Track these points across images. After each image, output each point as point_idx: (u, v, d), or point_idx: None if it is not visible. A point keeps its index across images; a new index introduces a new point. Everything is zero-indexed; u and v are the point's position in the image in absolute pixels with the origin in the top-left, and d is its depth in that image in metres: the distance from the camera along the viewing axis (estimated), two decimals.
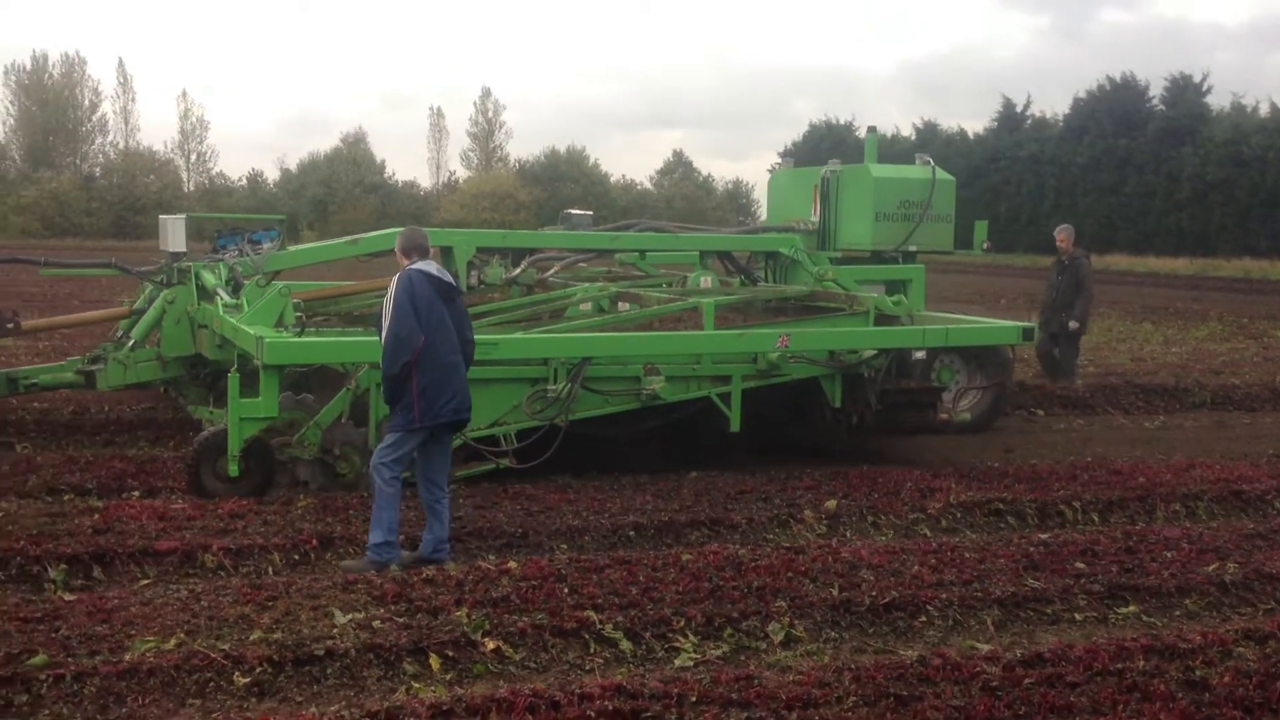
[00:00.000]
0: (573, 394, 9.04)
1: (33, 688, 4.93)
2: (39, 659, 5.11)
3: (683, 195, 79.35)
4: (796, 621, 6.09)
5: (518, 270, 10.76)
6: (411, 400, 6.92)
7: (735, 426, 9.79)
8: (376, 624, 5.71)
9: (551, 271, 11.28)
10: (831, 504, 8.51)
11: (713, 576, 6.59)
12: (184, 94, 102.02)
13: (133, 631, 5.52)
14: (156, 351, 10.54)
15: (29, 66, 73.43)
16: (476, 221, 69.62)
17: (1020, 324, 10.74)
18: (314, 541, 7.23)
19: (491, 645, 5.57)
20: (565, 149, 79.29)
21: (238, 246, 9.81)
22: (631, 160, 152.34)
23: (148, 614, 5.77)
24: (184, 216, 10.31)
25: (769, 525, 8.14)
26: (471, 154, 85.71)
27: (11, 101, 73.43)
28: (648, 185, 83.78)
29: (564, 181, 75.42)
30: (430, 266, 7.16)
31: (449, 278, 7.24)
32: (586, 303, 10.71)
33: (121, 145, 75.39)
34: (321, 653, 5.34)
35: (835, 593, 6.44)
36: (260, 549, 7.08)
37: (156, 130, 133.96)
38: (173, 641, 5.39)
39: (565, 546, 7.55)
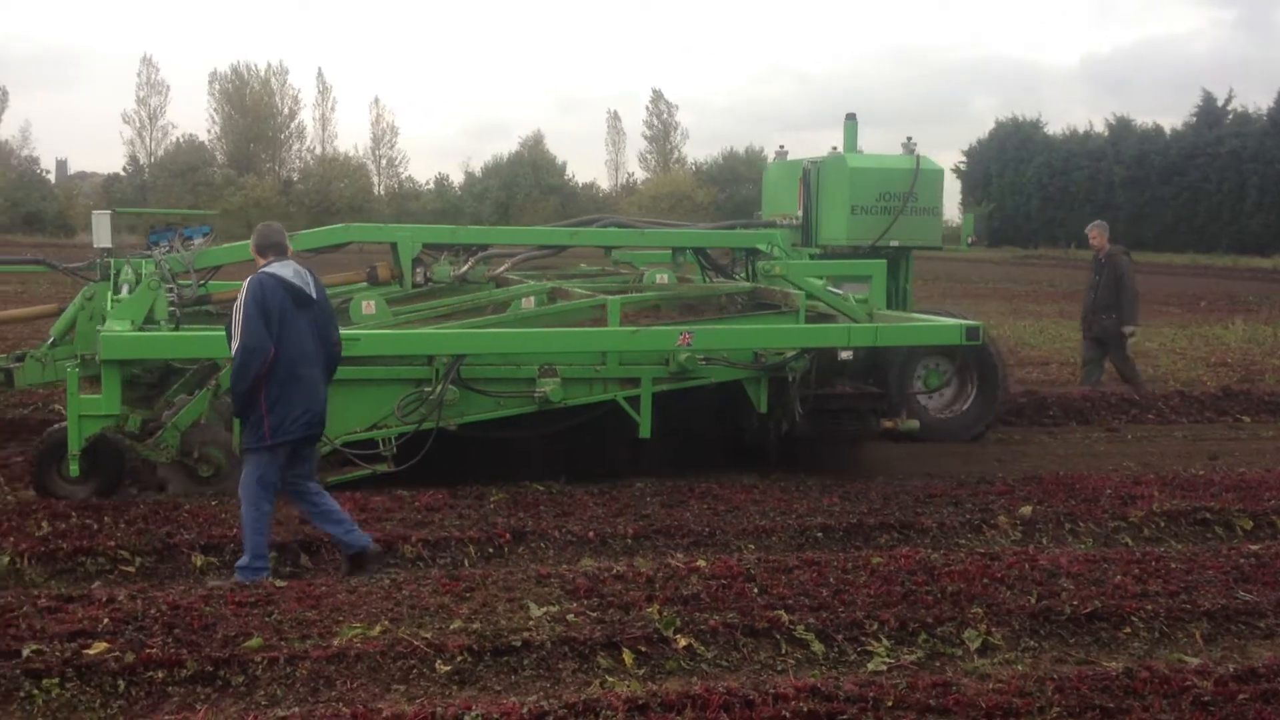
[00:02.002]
0: (442, 396, 8.62)
1: (249, 669, 5.16)
2: (254, 642, 5.35)
3: None
4: (994, 629, 5.93)
5: (465, 267, 10.06)
6: (261, 416, 6.56)
7: (645, 432, 9.27)
8: (570, 618, 5.79)
9: (503, 269, 10.50)
10: (1027, 509, 8.28)
11: (905, 580, 6.48)
12: (376, 101, 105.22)
13: (340, 618, 5.74)
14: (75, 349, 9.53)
15: (232, 76, 77.10)
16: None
17: (964, 322, 9.64)
18: (507, 535, 7.39)
19: (683, 642, 5.59)
20: (744, 150, 79.29)
21: (169, 243, 9.47)
22: None
23: (353, 601, 5.98)
24: (109, 211, 9.89)
25: (961, 530, 7.97)
26: (649, 155, 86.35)
27: (216, 109, 77.15)
28: None
29: (742, 183, 75.34)
30: (286, 269, 6.69)
31: (308, 280, 6.76)
32: (530, 298, 9.84)
33: (318, 151, 78.50)
34: (519, 644, 5.45)
35: (1033, 601, 6.25)
36: (456, 541, 7.28)
37: (349, 136, 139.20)
38: (378, 629, 5.58)
39: (752, 546, 7.54)
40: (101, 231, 9.61)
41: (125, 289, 8.93)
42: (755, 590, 6.27)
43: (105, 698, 4.94)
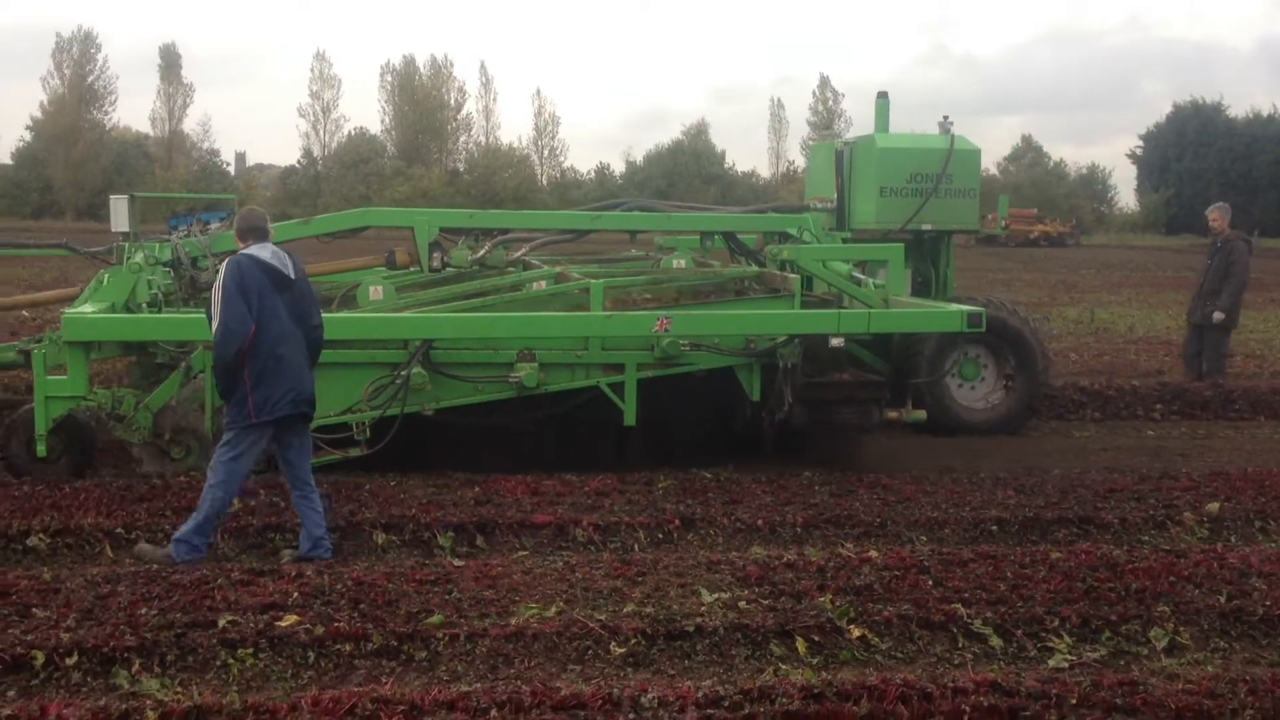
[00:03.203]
0: (407, 381, 8.54)
1: (431, 644, 5.30)
2: (436, 619, 5.49)
3: (1031, 181, 76.24)
4: (1181, 628, 5.72)
5: (483, 251, 9.90)
6: (245, 394, 6.60)
7: (630, 420, 9.04)
8: (742, 605, 5.79)
9: (520, 253, 10.30)
10: (1214, 506, 7.95)
11: (1086, 577, 6.28)
12: (538, 92, 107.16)
13: (516, 598, 5.85)
14: None
15: (402, 69, 79.13)
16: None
17: (965, 308, 9.13)
18: (676, 521, 7.43)
19: (857, 633, 5.54)
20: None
21: (187, 227, 9.53)
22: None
23: (529, 582, 6.10)
24: (128, 197, 9.89)
25: (1144, 526, 7.69)
26: (811, 142, 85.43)
27: (387, 101, 79.32)
28: (994, 171, 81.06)
29: None
30: (264, 251, 6.73)
31: (286, 262, 6.79)
32: (541, 283, 9.69)
33: (483, 141, 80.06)
34: (692, 629, 5.47)
35: (1223, 600, 6.01)
36: (626, 526, 7.34)
37: (513, 128, 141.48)
38: (553, 609, 5.68)
39: (925, 538, 7.41)
40: (119, 216, 9.69)
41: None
42: (930, 583, 6.18)
43: (296, 668, 5.14)
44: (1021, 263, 41.25)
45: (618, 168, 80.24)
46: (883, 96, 11.99)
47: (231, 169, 78.15)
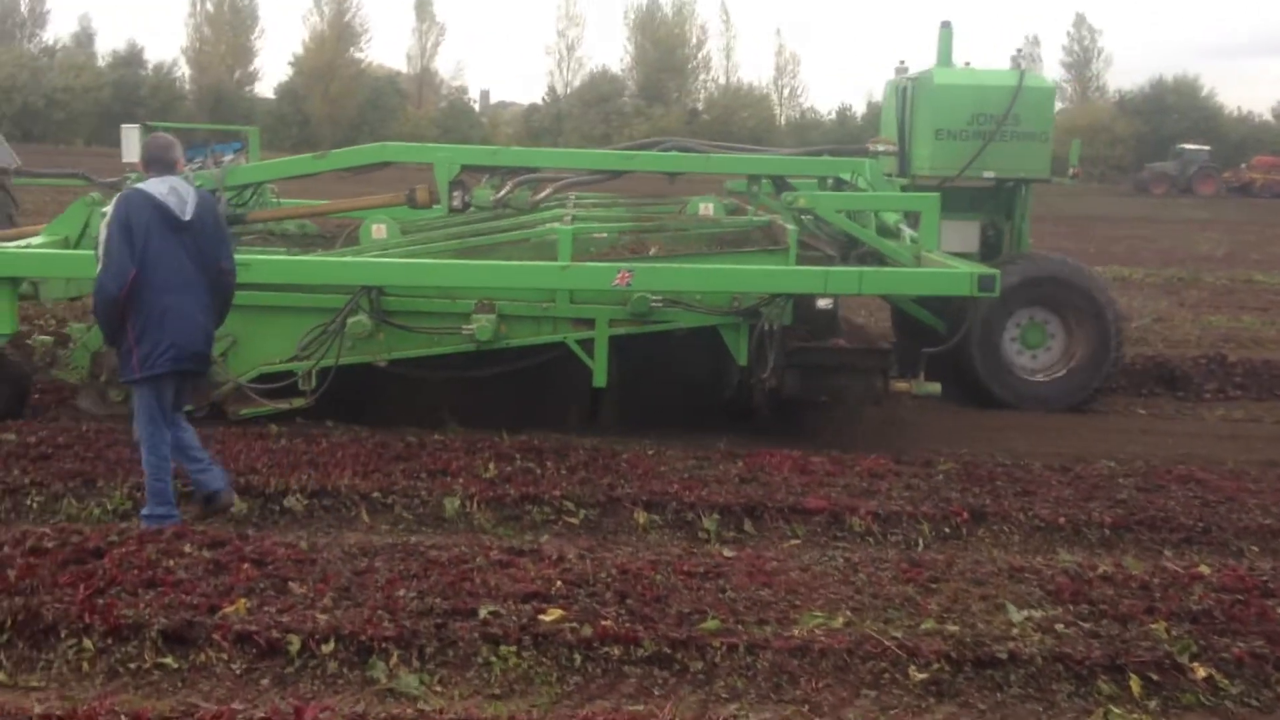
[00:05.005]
0: (340, 330, 7.96)
1: (707, 654, 4.76)
2: (712, 623, 4.96)
3: None
4: None
5: (504, 191, 9.18)
6: (130, 347, 6.00)
7: (600, 380, 8.28)
8: (1059, 628, 5.04)
9: (544, 194, 9.52)
10: None
11: None
12: (778, 32, 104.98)
13: (797, 601, 5.26)
14: None
15: (646, 7, 78.83)
16: (1065, 153, 65.82)
17: (977, 269, 8.02)
18: (964, 514, 6.68)
19: (1202, 672, 4.73)
20: (1173, 78, 72.87)
21: (203, 160, 9.07)
22: (1239, 92, 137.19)
23: (808, 581, 5.50)
24: (139, 125, 9.51)
25: None
26: (1066, 85, 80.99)
27: (629, 39, 79.19)
28: (1268, 117, 75.13)
29: (1170, 114, 69.32)
30: (161, 186, 6.02)
31: (186, 198, 6.07)
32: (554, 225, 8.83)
33: (722, 81, 79.11)
34: (1004, 656, 4.77)
35: None
36: (908, 517, 6.65)
37: (752, 68, 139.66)
38: (840, 619, 5.06)
39: (1256, 549, 6.46)
40: (130, 146, 9.36)
41: None
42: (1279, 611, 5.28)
43: (561, 672, 4.69)
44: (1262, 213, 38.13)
45: (859, 109, 78.03)
46: (946, 26, 10.68)
47: (477, 106, 79.69)
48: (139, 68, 70.07)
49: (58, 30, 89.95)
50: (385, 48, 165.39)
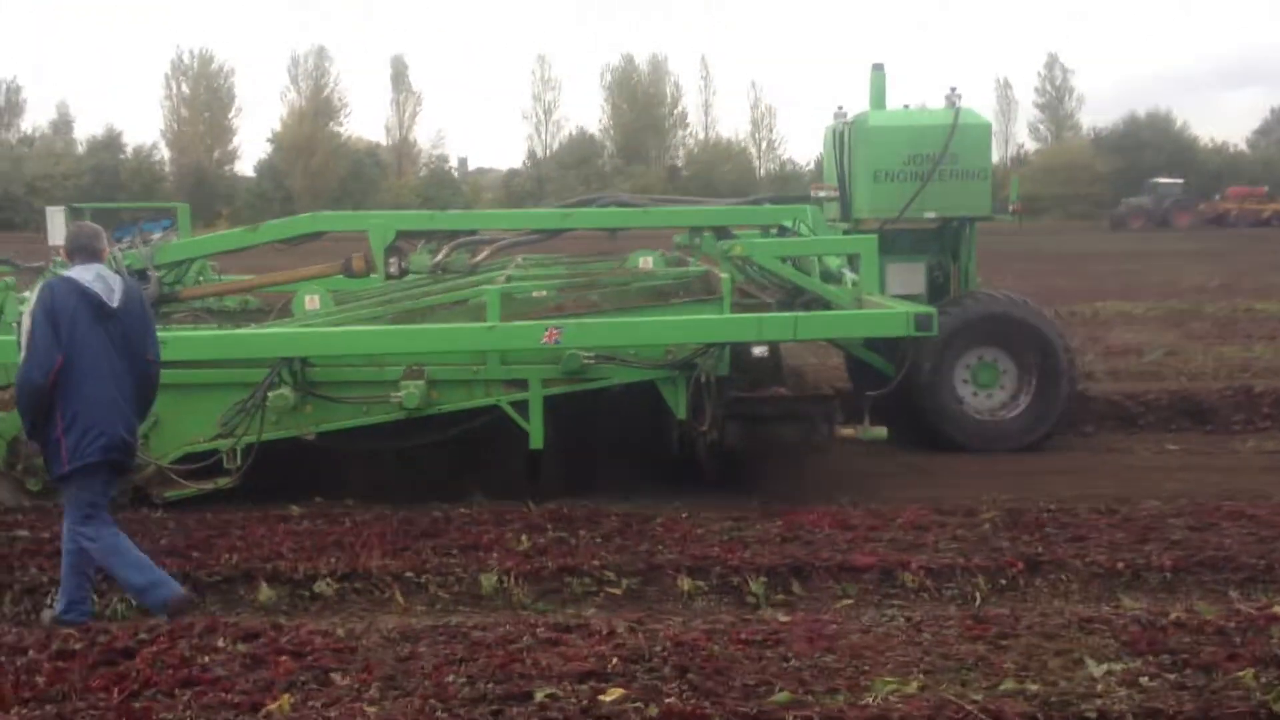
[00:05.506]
0: (259, 405, 7.70)
1: None
2: (782, 696, 4.70)
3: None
4: None
5: (440, 255, 9.12)
6: (57, 439, 5.76)
7: (536, 442, 7.98)
8: (1144, 681, 4.80)
9: (482, 256, 9.47)
10: None
11: None
12: (753, 84, 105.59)
13: (865, 666, 5.01)
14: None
15: (621, 68, 79.34)
16: (1049, 196, 66.57)
17: (913, 309, 7.98)
18: (1019, 565, 6.47)
19: None
20: (1145, 113, 73.65)
21: (131, 239, 8.96)
22: (1210, 125, 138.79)
23: (872, 644, 5.25)
24: (63, 208, 9.42)
25: None
26: (1040, 125, 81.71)
27: (606, 99, 79.65)
28: (1243, 147, 75.89)
29: (1145, 149, 69.92)
30: (88, 274, 5.86)
31: (113, 287, 5.88)
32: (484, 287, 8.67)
33: (701, 136, 79.57)
34: (1093, 715, 4.52)
35: None
36: (961, 570, 6.44)
37: (729, 123, 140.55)
38: (914, 684, 4.81)
39: None
40: (56, 228, 9.22)
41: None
42: None
43: None
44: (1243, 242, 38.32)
45: None
46: (878, 69, 10.72)
47: (456, 174, 79.90)
48: (118, 152, 70.21)
49: (35, 118, 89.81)
50: (364, 120, 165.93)
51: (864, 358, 9.77)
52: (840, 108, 10.91)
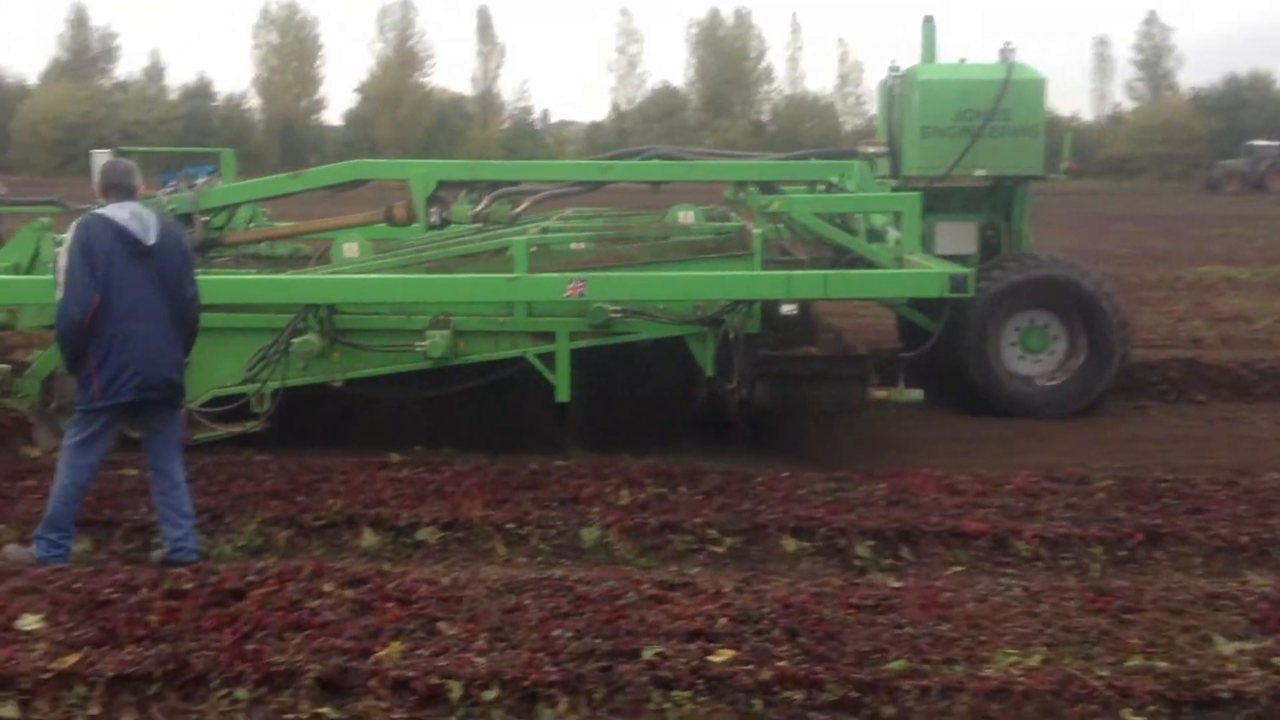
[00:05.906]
0: (284, 351, 7.69)
1: (898, 698, 4.38)
2: (898, 664, 4.58)
3: None
4: None
5: (481, 205, 9.01)
6: (90, 374, 5.74)
7: (562, 395, 7.91)
8: (1277, 661, 4.61)
9: (523, 207, 9.36)
10: None
11: None
12: (840, 40, 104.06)
13: (983, 637, 4.87)
14: None
15: (706, 21, 78.44)
16: (1146, 156, 64.98)
17: (949, 269, 7.56)
18: (1139, 536, 6.26)
19: None
20: (1246, 73, 71.26)
21: (176, 184, 8.86)
22: None
23: (989, 614, 5.10)
24: (109, 151, 9.07)
25: None
26: (1138, 84, 79.39)
27: (691, 53, 78.86)
28: None
29: (1246, 109, 67.73)
30: (122, 211, 5.78)
31: (149, 225, 5.81)
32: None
33: (787, 91, 78.52)
34: (1226, 695, 4.35)
35: None
36: (1078, 540, 6.24)
37: (815, 78, 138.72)
38: (1036, 657, 4.66)
39: None
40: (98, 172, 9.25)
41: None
42: None
43: (741, 718, 4.34)
44: None
45: None
46: (929, 21, 10.28)
47: (539, 126, 79.75)
48: (209, 100, 71.01)
49: (129, 66, 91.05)
50: (450, 71, 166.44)
51: (910, 318, 9.52)
52: (893, 62, 10.66)
